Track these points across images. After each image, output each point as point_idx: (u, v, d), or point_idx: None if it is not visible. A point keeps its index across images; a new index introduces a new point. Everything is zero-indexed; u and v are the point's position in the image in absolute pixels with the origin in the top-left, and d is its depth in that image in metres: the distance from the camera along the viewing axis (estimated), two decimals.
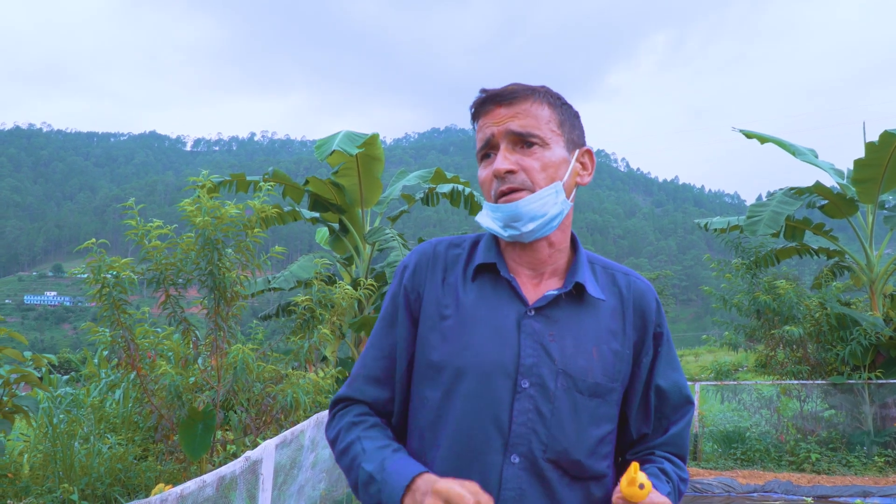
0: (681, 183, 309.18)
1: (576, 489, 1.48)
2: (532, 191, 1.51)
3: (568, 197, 1.58)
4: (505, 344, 1.49)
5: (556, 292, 1.54)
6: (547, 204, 1.52)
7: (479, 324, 1.51)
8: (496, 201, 1.53)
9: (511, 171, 1.51)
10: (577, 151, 1.61)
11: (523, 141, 1.52)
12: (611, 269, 1.67)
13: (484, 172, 1.56)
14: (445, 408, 1.49)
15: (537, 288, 1.57)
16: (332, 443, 1.60)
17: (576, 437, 1.47)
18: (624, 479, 1.33)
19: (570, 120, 1.61)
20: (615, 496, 1.37)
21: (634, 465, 1.34)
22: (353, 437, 1.53)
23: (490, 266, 1.59)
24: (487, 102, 1.56)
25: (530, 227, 1.51)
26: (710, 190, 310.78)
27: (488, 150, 1.56)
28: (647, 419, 1.62)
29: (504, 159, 1.51)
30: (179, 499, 2.67)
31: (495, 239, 1.63)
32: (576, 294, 1.56)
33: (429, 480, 1.35)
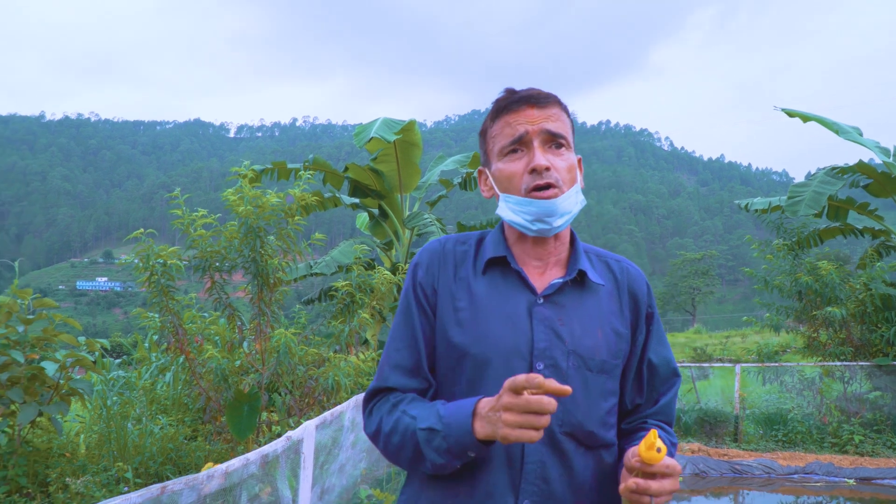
0: (726, 161, 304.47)
1: (589, 457, 1.62)
2: (562, 189, 1.64)
3: None
4: (518, 330, 1.61)
5: (561, 280, 1.67)
6: (572, 202, 1.67)
7: (493, 313, 1.64)
8: (526, 195, 1.64)
9: (547, 168, 1.63)
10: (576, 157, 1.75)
11: (553, 141, 1.66)
12: (604, 258, 1.81)
13: (513, 166, 1.66)
14: (470, 392, 1.61)
15: (542, 277, 1.70)
16: (376, 434, 1.65)
17: (588, 411, 1.61)
18: (643, 444, 1.43)
19: (574, 128, 1.76)
20: (634, 459, 1.46)
21: (653, 432, 1.44)
22: (397, 414, 1.62)
23: (499, 259, 1.71)
24: (520, 102, 1.67)
25: (559, 222, 1.64)
26: (756, 168, 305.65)
27: (517, 147, 1.66)
28: (640, 391, 1.76)
29: (542, 156, 1.63)
30: (225, 475, 2.85)
31: (502, 234, 1.76)
32: (578, 281, 1.70)
33: (489, 400, 1.46)
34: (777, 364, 12.21)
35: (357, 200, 14.31)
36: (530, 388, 1.35)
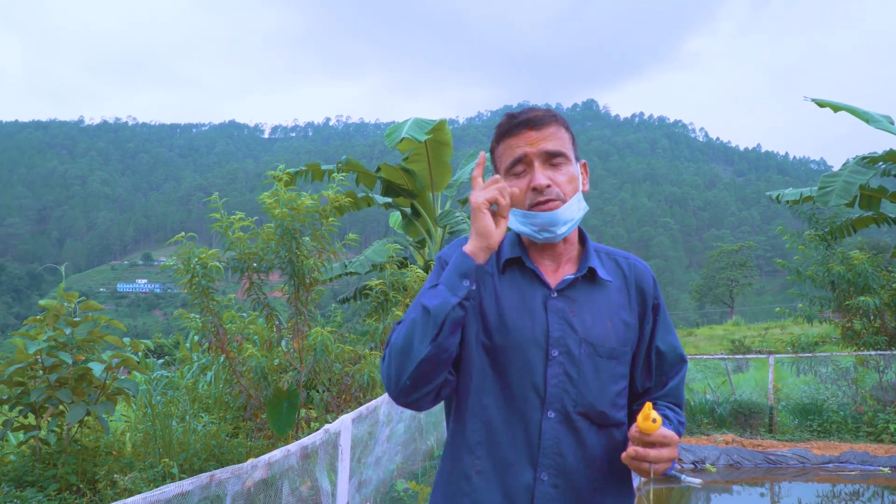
0: (763, 151, 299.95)
1: (601, 435, 1.81)
2: (564, 201, 1.83)
3: None
4: (535, 321, 1.81)
5: (572, 276, 1.86)
6: (573, 210, 1.85)
7: (512, 306, 1.83)
8: (530, 210, 1.83)
9: (548, 186, 1.81)
10: (578, 164, 1.92)
11: (552, 159, 1.84)
12: (613, 255, 1.99)
13: (517, 184, 1.85)
14: (493, 377, 1.81)
15: (556, 274, 1.89)
16: (388, 359, 1.76)
17: (599, 393, 1.80)
18: (640, 416, 1.62)
19: (575, 139, 1.94)
20: (633, 430, 1.66)
21: (648, 405, 1.63)
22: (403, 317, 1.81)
23: (516, 259, 1.90)
24: (520, 126, 1.86)
25: (562, 230, 1.84)
26: (794, 157, 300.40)
27: (519, 167, 1.85)
28: (649, 375, 1.94)
29: (542, 175, 1.82)
30: (267, 465, 3.03)
31: (517, 237, 1.94)
32: (589, 277, 1.88)
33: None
34: (811, 354, 12.17)
35: (390, 200, 14.52)
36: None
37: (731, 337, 31.06)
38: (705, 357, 14.78)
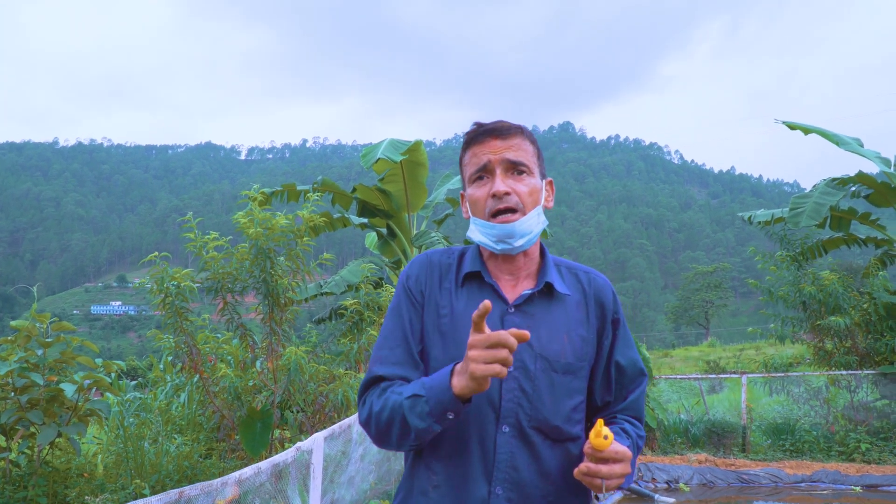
0: (737, 173, 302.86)
1: (556, 449, 1.81)
2: (523, 212, 1.85)
3: None
4: None
5: (530, 291, 1.87)
6: (532, 223, 1.87)
7: (470, 321, 1.82)
8: (490, 218, 1.85)
9: (507, 193, 1.84)
10: (544, 181, 1.95)
11: (515, 169, 1.86)
12: (574, 269, 2.01)
13: (479, 192, 1.88)
14: None
15: (514, 289, 1.90)
16: (367, 418, 1.81)
17: (553, 408, 1.81)
18: (592, 433, 1.65)
19: (541, 155, 1.97)
20: (585, 447, 1.68)
21: (600, 422, 1.66)
22: (387, 394, 1.79)
23: (476, 273, 1.92)
24: (485, 134, 1.89)
25: (520, 242, 1.85)
26: (767, 179, 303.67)
27: (482, 174, 1.88)
28: (609, 389, 1.95)
29: (502, 183, 1.84)
30: (238, 482, 3.03)
31: (479, 251, 1.96)
32: (546, 292, 1.90)
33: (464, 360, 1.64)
34: (783, 374, 12.27)
35: (366, 220, 14.54)
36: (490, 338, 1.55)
37: (707, 358, 31.28)
38: (679, 377, 14.87)
